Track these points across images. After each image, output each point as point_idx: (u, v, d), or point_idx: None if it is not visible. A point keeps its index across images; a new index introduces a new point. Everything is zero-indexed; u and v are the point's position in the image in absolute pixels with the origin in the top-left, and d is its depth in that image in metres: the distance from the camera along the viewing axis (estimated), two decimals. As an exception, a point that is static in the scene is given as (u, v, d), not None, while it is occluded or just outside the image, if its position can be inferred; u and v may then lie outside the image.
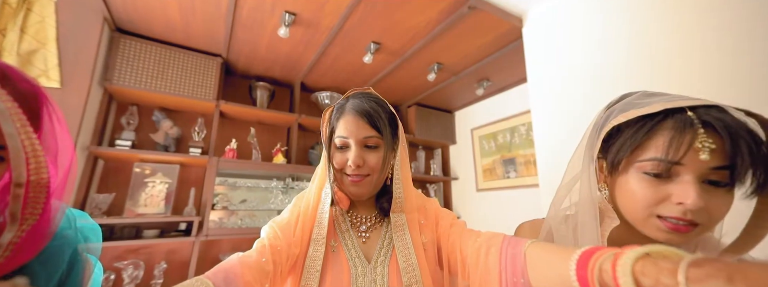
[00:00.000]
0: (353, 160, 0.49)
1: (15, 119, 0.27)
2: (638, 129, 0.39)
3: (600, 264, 0.28)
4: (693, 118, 0.36)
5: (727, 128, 0.34)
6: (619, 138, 0.41)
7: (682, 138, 0.35)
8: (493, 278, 0.38)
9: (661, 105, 0.38)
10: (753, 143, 0.34)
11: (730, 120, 0.35)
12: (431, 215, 0.55)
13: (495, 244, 0.41)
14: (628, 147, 0.39)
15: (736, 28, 0.93)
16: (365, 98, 0.53)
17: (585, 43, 1.34)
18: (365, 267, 0.49)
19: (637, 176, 0.39)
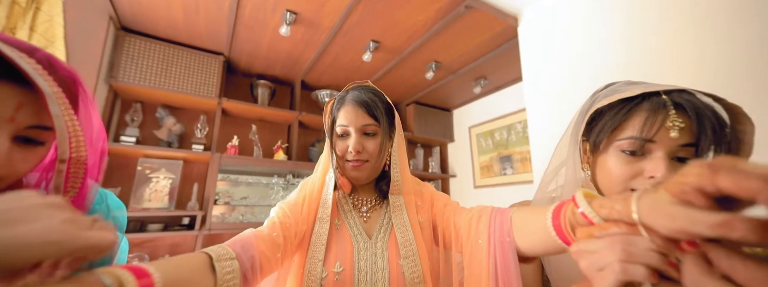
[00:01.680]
0: (353, 146, 0.53)
1: (60, 102, 0.31)
2: (618, 111, 0.43)
3: (569, 209, 0.32)
4: (666, 100, 0.40)
5: (695, 109, 0.38)
6: (601, 120, 0.45)
7: (655, 118, 0.39)
8: (483, 241, 0.42)
9: (640, 89, 0.42)
10: (716, 124, 0.38)
11: (698, 103, 0.39)
12: (427, 197, 0.59)
13: (485, 214, 0.45)
14: (608, 127, 0.43)
15: (732, 27, 0.94)
16: (364, 89, 0.58)
17: (579, 42, 1.39)
18: (367, 242, 0.53)
19: (615, 155, 0.43)
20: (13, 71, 0.30)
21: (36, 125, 0.32)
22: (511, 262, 0.40)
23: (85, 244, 0.21)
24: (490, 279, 0.40)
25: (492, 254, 0.41)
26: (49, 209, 0.21)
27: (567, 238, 0.33)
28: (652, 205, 0.23)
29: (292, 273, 0.51)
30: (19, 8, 1.36)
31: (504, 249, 0.40)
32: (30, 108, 0.31)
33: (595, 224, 0.28)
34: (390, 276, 0.50)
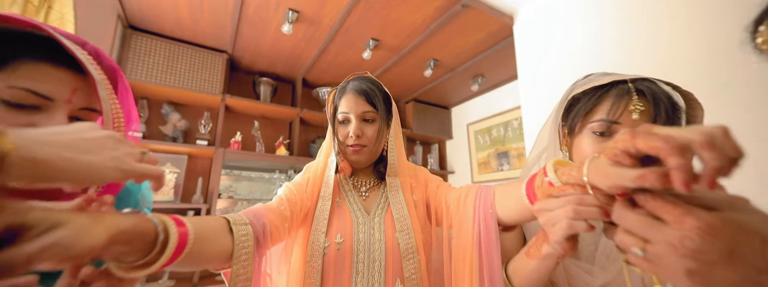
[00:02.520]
0: (353, 131, 0.58)
1: (106, 88, 0.36)
2: (591, 97, 0.48)
3: (539, 178, 0.37)
4: (630, 87, 0.45)
5: (653, 95, 0.44)
6: (576, 106, 0.50)
7: (620, 102, 0.44)
8: (469, 213, 0.48)
9: (610, 78, 0.48)
10: (670, 107, 0.43)
11: (656, 89, 0.44)
12: (421, 179, 0.64)
13: (472, 191, 0.50)
14: (582, 112, 0.48)
15: (727, 26, 0.95)
16: (363, 80, 0.63)
17: (573, 41, 1.43)
18: (365, 218, 0.58)
19: (587, 136, 0.48)
20: (70, 60, 0.35)
21: (86, 107, 0.37)
22: (492, 230, 0.45)
23: (140, 172, 0.26)
24: (475, 246, 0.45)
25: (477, 224, 0.46)
26: (114, 142, 0.26)
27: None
28: (595, 168, 0.28)
29: (297, 244, 0.56)
30: (33, 7, 1.41)
31: (487, 220, 0.45)
32: (82, 92, 0.37)
33: (555, 187, 0.33)
34: (386, 247, 0.55)
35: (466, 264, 0.46)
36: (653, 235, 0.23)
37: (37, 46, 0.34)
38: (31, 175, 0.19)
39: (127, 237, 0.27)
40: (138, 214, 0.30)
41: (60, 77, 0.35)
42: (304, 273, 0.52)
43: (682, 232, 0.22)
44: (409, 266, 0.54)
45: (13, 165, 0.18)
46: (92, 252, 0.22)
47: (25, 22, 0.34)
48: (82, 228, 0.22)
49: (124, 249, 0.28)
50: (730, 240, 0.21)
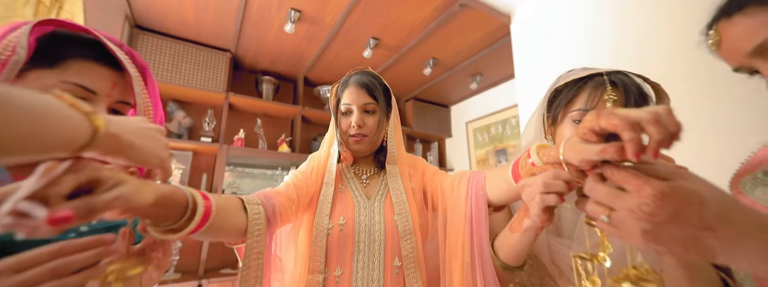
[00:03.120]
0: (355, 121, 0.62)
1: (139, 83, 0.41)
2: (571, 89, 0.52)
3: (523, 160, 0.41)
4: (605, 79, 0.49)
5: (624, 86, 0.48)
6: (559, 97, 0.55)
7: (596, 93, 0.49)
8: (462, 196, 0.52)
9: (587, 71, 0.52)
10: (639, 97, 0.48)
11: (628, 81, 0.49)
12: (419, 168, 0.69)
13: (466, 176, 0.55)
14: (563, 102, 0.53)
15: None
16: (364, 74, 0.67)
17: (570, 41, 1.47)
18: (366, 202, 0.63)
19: (568, 124, 0.52)
20: (110, 59, 0.41)
21: (122, 101, 0.42)
22: (482, 210, 0.49)
23: (167, 164, 0.31)
24: (467, 224, 0.49)
25: (469, 205, 0.50)
26: (161, 134, 0.32)
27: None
28: (569, 146, 0.32)
29: (303, 226, 0.60)
30: (44, 7, 1.46)
31: (478, 201, 0.50)
32: (120, 87, 0.42)
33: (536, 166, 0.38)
34: (385, 229, 0.59)
35: (458, 241, 0.50)
36: (617, 203, 0.27)
37: (86, 47, 0.40)
38: (108, 148, 0.24)
39: (165, 201, 0.32)
40: (172, 185, 0.34)
41: (103, 73, 0.40)
42: (310, 252, 0.56)
43: (640, 199, 0.25)
44: (406, 245, 0.59)
45: (101, 138, 0.23)
46: (142, 208, 0.27)
47: (77, 27, 0.40)
48: (136, 187, 0.26)
49: (162, 212, 0.32)
50: (676, 203, 0.24)
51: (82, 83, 0.38)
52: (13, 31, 0.35)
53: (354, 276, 0.56)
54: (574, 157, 0.31)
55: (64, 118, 0.22)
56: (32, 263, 0.24)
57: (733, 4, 0.34)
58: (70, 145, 0.22)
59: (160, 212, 0.32)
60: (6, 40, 0.34)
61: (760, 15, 0.31)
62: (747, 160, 0.38)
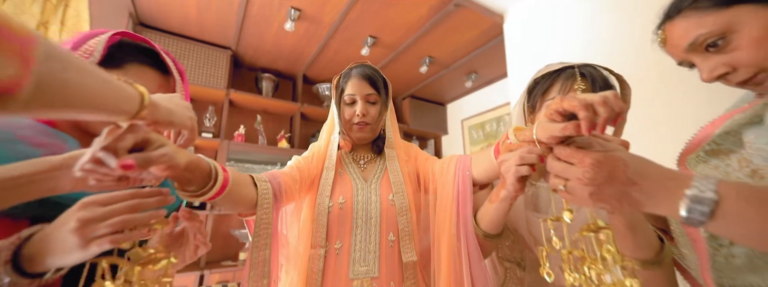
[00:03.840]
0: (360, 110, 0.68)
1: (180, 85, 0.47)
2: (547, 80, 0.58)
3: (503, 141, 0.47)
4: (576, 71, 0.55)
5: (591, 77, 0.54)
6: (536, 87, 0.60)
7: (567, 83, 0.54)
8: (450, 176, 0.58)
9: (561, 65, 0.58)
10: (604, 86, 0.53)
11: (595, 73, 0.54)
12: (412, 154, 0.75)
13: (454, 158, 0.61)
14: (540, 91, 0.58)
15: None
16: (365, 67, 0.73)
17: (561, 40, 1.53)
18: (364, 184, 0.68)
19: (544, 111, 0.58)
20: (159, 65, 0.47)
21: None
22: (468, 188, 0.54)
23: (195, 127, 0.37)
24: (454, 200, 0.55)
25: (456, 183, 0.56)
26: (189, 107, 0.37)
27: None
28: (540, 126, 0.38)
29: (306, 206, 0.65)
30: (51, 5, 1.50)
31: (464, 179, 0.55)
32: (164, 88, 0.48)
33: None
34: (381, 207, 0.65)
35: (446, 215, 0.55)
36: (569, 174, 0.33)
37: (143, 54, 0.47)
38: (153, 113, 0.31)
39: (194, 167, 0.37)
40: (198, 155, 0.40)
41: (153, 76, 0.47)
42: (313, 229, 0.61)
43: (582, 169, 0.31)
44: (403, 220, 0.64)
45: (147, 104, 0.30)
46: (177, 169, 0.32)
47: (138, 38, 0.48)
48: (175, 149, 0.32)
49: (190, 176, 0.38)
50: (608, 168, 0.30)
51: (144, 84, 0.44)
52: (92, 38, 0.43)
53: (352, 248, 0.61)
54: (543, 134, 0.36)
55: (122, 87, 0.28)
56: (115, 200, 0.30)
57: (673, 9, 0.40)
58: (129, 108, 0.28)
59: (188, 177, 0.38)
60: (87, 45, 0.41)
61: (693, 18, 0.37)
62: (690, 140, 0.44)
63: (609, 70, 0.56)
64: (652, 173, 0.29)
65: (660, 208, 0.29)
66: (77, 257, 0.29)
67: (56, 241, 0.28)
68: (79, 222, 0.28)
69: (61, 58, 0.22)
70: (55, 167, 0.31)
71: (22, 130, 0.36)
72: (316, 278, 0.58)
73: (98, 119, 0.26)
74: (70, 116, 0.25)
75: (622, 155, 0.31)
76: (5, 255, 0.27)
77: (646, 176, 0.29)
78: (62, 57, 0.22)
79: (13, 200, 0.29)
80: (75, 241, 0.27)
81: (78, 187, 0.32)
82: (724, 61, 0.36)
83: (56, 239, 0.28)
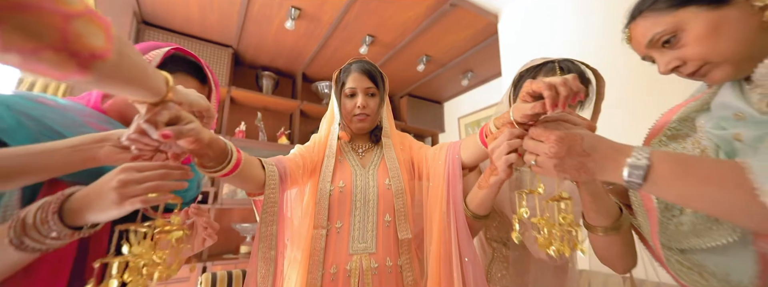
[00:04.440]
0: (361, 103, 0.73)
1: (214, 94, 0.53)
2: (530, 73, 0.63)
3: (487, 128, 0.52)
4: (556, 65, 0.60)
5: (569, 70, 0.59)
6: (521, 81, 0.66)
7: (548, 75, 0.60)
8: (441, 160, 0.63)
9: (543, 59, 0.63)
10: (580, 80, 0.59)
11: (573, 67, 0.60)
12: (407, 144, 0.80)
13: (445, 145, 0.66)
14: (524, 83, 0.64)
15: None
16: (364, 62, 0.78)
17: (554, 40, 1.58)
18: (362, 170, 0.73)
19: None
20: (200, 75, 0.54)
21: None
22: (457, 170, 0.60)
23: (212, 108, 0.43)
24: (445, 182, 0.60)
25: (447, 166, 0.61)
26: (204, 99, 0.43)
27: (486, 145, 0.53)
28: (515, 108, 0.43)
29: (308, 190, 0.70)
30: (59, 2, 1.55)
31: (454, 162, 0.61)
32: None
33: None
34: (379, 191, 0.70)
35: (438, 196, 0.61)
36: (538, 150, 0.38)
37: (188, 65, 0.54)
38: (177, 96, 0.36)
39: (214, 144, 0.43)
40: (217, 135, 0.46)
41: (194, 84, 0.54)
42: (315, 211, 0.67)
43: (548, 145, 0.37)
44: (399, 202, 0.70)
45: (171, 87, 0.35)
46: (201, 144, 0.38)
47: (187, 52, 0.55)
48: (201, 126, 0.37)
49: (209, 153, 0.43)
50: (568, 142, 0.36)
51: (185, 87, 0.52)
52: (154, 49, 0.50)
53: (352, 227, 0.67)
54: (517, 114, 0.42)
55: (157, 71, 0.34)
56: (149, 168, 0.36)
57: (636, 10, 0.45)
58: (162, 89, 0.34)
59: (208, 153, 0.43)
60: (148, 55, 0.49)
61: (651, 18, 0.42)
62: (652, 126, 0.49)
63: (586, 65, 0.62)
64: (602, 146, 0.35)
65: (608, 175, 0.34)
66: (112, 214, 0.33)
67: (97, 198, 0.33)
68: (119, 182, 0.33)
69: (127, 42, 0.29)
70: (96, 140, 0.37)
71: (86, 117, 0.44)
72: (319, 254, 0.63)
73: (141, 97, 0.32)
74: (128, 90, 0.31)
75: (580, 132, 0.36)
76: (53, 206, 0.32)
77: (597, 149, 0.35)
78: (126, 42, 0.29)
79: (68, 166, 0.36)
80: (113, 198, 0.32)
81: (112, 159, 0.37)
82: (676, 56, 0.42)
83: (97, 195, 0.33)
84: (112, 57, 0.27)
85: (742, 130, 0.37)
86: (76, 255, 0.39)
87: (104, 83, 0.28)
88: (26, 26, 0.22)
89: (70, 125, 0.42)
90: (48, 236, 0.32)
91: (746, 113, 0.36)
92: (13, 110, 0.37)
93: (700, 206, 0.31)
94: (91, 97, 0.49)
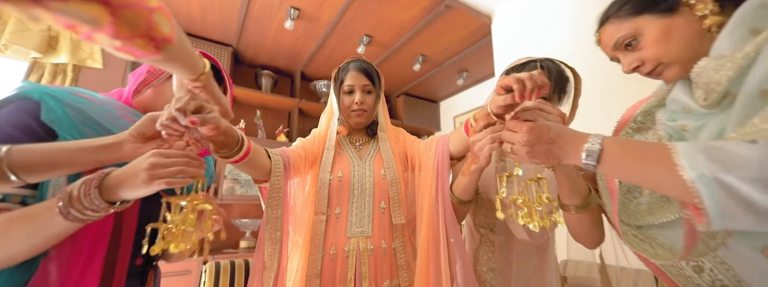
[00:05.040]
0: (358, 99, 0.78)
1: (230, 97, 0.59)
2: (514, 71, 0.69)
3: (470, 121, 0.58)
4: (537, 64, 0.66)
5: (549, 69, 0.65)
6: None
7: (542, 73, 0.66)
8: (432, 151, 0.69)
9: (527, 58, 0.69)
10: (559, 78, 0.65)
11: (553, 66, 0.66)
12: (401, 138, 0.86)
13: (436, 138, 0.72)
14: None
15: None
16: (361, 61, 0.83)
17: (546, 41, 1.64)
18: (359, 162, 0.79)
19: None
20: (216, 76, 0.58)
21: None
22: (446, 160, 0.66)
23: (227, 108, 0.48)
24: (434, 170, 0.66)
25: (436, 157, 0.67)
26: (224, 97, 0.48)
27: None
28: (491, 100, 0.48)
29: (309, 179, 0.76)
30: (64, 2, 1.59)
31: (443, 154, 0.66)
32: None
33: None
34: (375, 180, 0.75)
35: (428, 184, 0.66)
36: (514, 140, 0.44)
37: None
38: (208, 78, 0.43)
39: (229, 132, 0.49)
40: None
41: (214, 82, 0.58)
42: (316, 198, 0.72)
43: (521, 134, 0.42)
44: (393, 190, 0.75)
45: (207, 71, 0.42)
46: (218, 131, 0.43)
47: (207, 56, 0.58)
48: (219, 116, 0.43)
49: (224, 140, 0.48)
50: (538, 132, 0.41)
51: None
52: None
53: (350, 213, 0.72)
54: (492, 106, 0.47)
55: (198, 54, 0.42)
56: (174, 155, 0.41)
57: (604, 17, 0.51)
58: (201, 69, 0.42)
59: (223, 140, 0.49)
60: None
61: (615, 24, 0.48)
62: (619, 120, 0.55)
63: (565, 64, 0.67)
64: (565, 134, 0.40)
65: (571, 158, 0.40)
66: (141, 192, 0.38)
67: (130, 177, 0.38)
68: (150, 165, 0.38)
69: (180, 29, 0.36)
70: (122, 140, 0.42)
71: (120, 110, 0.51)
72: (320, 238, 0.69)
73: (188, 73, 0.41)
74: (182, 66, 0.39)
75: (547, 124, 0.42)
76: (95, 182, 0.38)
77: (562, 137, 0.40)
78: (180, 29, 0.36)
79: (98, 162, 0.41)
80: (144, 177, 0.37)
81: (136, 153, 0.42)
82: (636, 57, 0.48)
83: (130, 175, 0.38)
84: (175, 41, 0.35)
85: (688, 121, 0.42)
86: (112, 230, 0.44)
87: (169, 61, 0.36)
88: (129, 19, 0.29)
89: (108, 117, 0.47)
90: (89, 208, 0.37)
91: (690, 107, 0.42)
92: (62, 103, 0.43)
93: (640, 181, 0.37)
94: (123, 93, 0.55)
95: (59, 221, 0.36)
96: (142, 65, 0.59)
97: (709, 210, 0.30)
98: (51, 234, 0.37)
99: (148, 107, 0.56)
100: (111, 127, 0.47)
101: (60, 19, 0.27)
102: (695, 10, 0.41)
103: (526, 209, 0.45)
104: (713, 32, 0.40)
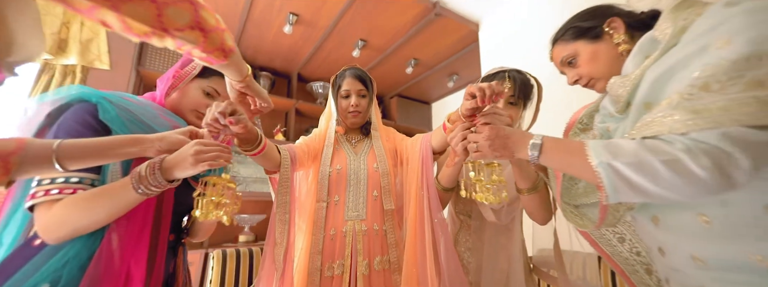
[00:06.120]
0: (353, 102, 0.90)
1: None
2: (489, 79, 0.81)
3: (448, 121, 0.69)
4: (506, 74, 0.79)
5: (515, 78, 0.77)
6: None
7: (500, 82, 0.78)
8: (417, 146, 0.81)
9: (500, 68, 0.81)
10: (523, 85, 0.77)
11: (519, 76, 0.78)
12: (392, 136, 0.98)
13: (421, 136, 0.84)
14: None
15: None
16: (357, 69, 0.95)
17: (532, 48, 1.75)
18: (354, 156, 0.91)
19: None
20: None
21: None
22: (429, 153, 0.78)
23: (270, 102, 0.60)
24: (420, 163, 0.78)
25: (421, 150, 0.79)
26: (265, 91, 0.59)
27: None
28: (462, 104, 0.60)
29: (312, 172, 0.87)
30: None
31: (427, 147, 0.78)
32: (225, 95, 0.68)
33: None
34: (368, 173, 0.87)
35: (414, 175, 0.78)
36: (478, 139, 0.55)
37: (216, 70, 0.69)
38: (251, 80, 0.54)
39: (252, 129, 0.59)
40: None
41: (224, 84, 0.67)
42: (317, 188, 0.84)
43: (484, 134, 0.54)
44: (384, 181, 0.87)
45: (249, 74, 0.54)
46: (247, 128, 0.54)
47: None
48: (247, 117, 0.54)
49: (248, 136, 0.59)
50: (495, 132, 0.53)
51: (217, 89, 0.68)
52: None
53: (347, 200, 0.84)
54: (462, 109, 0.59)
55: (243, 61, 0.53)
56: (212, 145, 0.51)
57: (554, 39, 0.64)
58: (245, 71, 0.54)
59: (246, 136, 0.60)
60: (192, 63, 0.66)
61: (561, 45, 0.61)
62: (567, 122, 0.68)
63: (530, 75, 0.80)
64: (516, 133, 0.52)
65: (520, 152, 0.51)
66: (189, 171, 0.49)
67: (181, 160, 0.49)
68: (195, 151, 0.48)
69: (233, 41, 0.48)
70: (149, 140, 0.52)
71: (157, 110, 0.61)
72: (321, 221, 0.80)
73: (238, 75, 0.53)
74: (236, 69, 0.52)
75: (503, 127, 0.54)
76: (157, 165, 0.48)
77: (514, 135, 0.52)
78: (234, 40, 0.48)
79: (128, 155, 0.50)
80: (191, 161, 0.48)
81: (156, 154, 0.52)
82: (576, 73, 0.60)
83: (181, 159, 0.49)
84: (236, 51, 0.48)
85: (610, 124, 0.55)
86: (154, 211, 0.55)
87: (230, 65, 0.50)
88: (213, 39, 0.44)
89: (150, 116, 0.58)
90: (153, 184, 0.48)
91: (612, 112, 0.54)
92: (114, 105, 0.53)
93: (569, 169, 0.49)
94: (156, 96, 0.65)
95: (131, 194, 0.48)
96: (168, 71, 0.70)
97: (606, 187, 0.42)
98: (124, 204, 0.48)
99: (176, 106, 0.66)
100: (152, 124, 0.58)
101: (177, 43, 0.40)
102: (613, 39, 0.54)
103: (478, 188, 0.57)
104: (624, 55, 0.53)
